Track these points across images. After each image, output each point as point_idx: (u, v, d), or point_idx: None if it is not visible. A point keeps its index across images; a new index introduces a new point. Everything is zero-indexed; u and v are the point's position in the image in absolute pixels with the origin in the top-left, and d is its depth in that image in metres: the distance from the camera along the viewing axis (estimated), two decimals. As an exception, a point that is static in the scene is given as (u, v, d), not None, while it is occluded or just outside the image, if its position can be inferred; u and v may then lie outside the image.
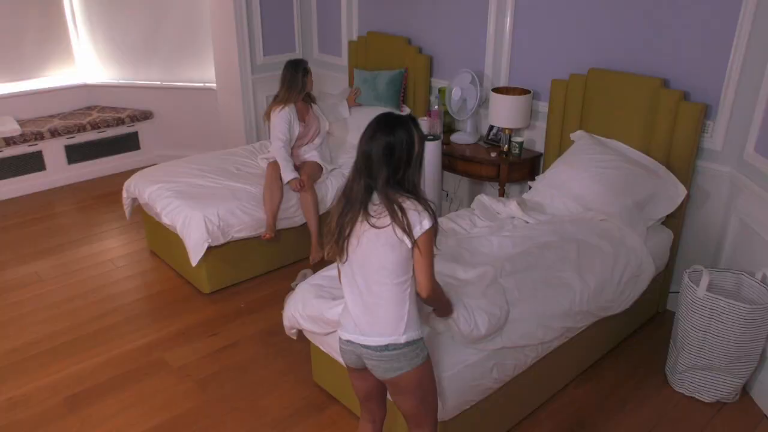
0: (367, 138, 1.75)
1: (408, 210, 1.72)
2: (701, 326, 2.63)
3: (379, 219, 1.73)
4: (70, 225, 4.48)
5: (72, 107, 5.54)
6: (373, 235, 1.75)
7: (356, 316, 1.84)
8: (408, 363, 1.81)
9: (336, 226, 1.79)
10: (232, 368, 2.98)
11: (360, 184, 1.76)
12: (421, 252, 1.75)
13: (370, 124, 1.76)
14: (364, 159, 1.75)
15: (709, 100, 3.01)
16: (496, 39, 3.88)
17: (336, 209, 1.81)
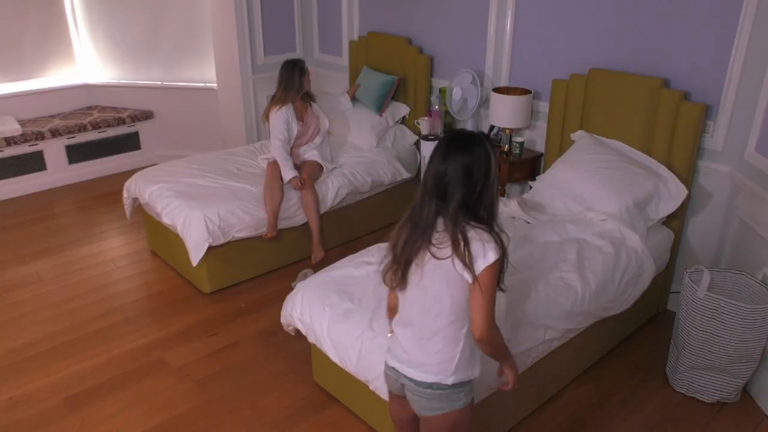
0: (440, 157, 1.61)
1: (472, 240, 1.58)
2: (702, 326, 2.63)
3: (441, 249, 1.61)
4: (70, 225, 4.49)
5: (72, 107, 5.54)
6: (433, 267, 1.63)
7: (406, 346, 1.74)
8: (449, 405, 1.72)
9: (402, 252, 1.66)
10: (232, 368, 2.98)
11: (430, 208, 1.62)
12: (481, 288, 1.60)
13: (441, 143, 1.64)
14: (437, 180, 1.60)
15: (709, 100, 3.01)
16: (496, 39, 3.88)
17: (400, 233, 1.68)
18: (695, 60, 3.02)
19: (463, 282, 1.62)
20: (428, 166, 1.64)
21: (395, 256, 1.69)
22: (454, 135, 1.65)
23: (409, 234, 1.66)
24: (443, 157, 1.61)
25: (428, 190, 1.63)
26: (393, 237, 1.71)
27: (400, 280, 1.69)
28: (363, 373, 2.33)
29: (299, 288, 2.71)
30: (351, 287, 2.61)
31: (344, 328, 2.43)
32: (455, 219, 1.59)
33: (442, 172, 1.60)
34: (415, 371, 1.73)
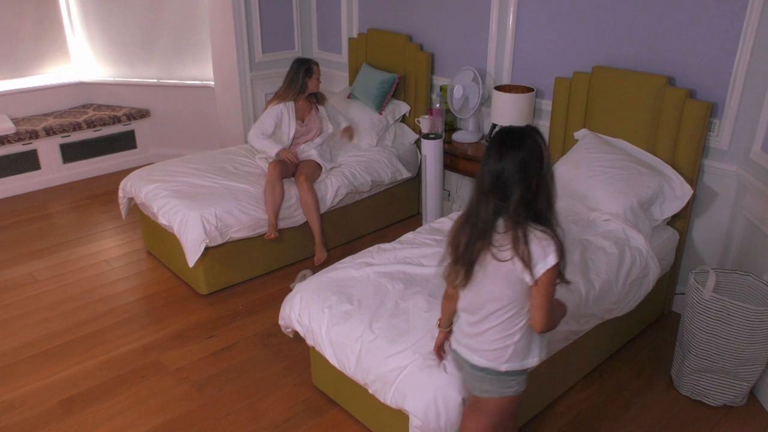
0: (495, 155, 1.63)
1: (532, 243, 1.62)
2: (708, 328, 2.62)
3: (501, 251, 1.65)
4: (65, 225, 4.48)
5: (67, 105, 5.54)
6: (495, 268, 1.68)
7: (465, 332, 1.86)
8: (499, 390, 1.82)
9: (464, 254, 1.71)
10: (229, 371, 2.98)
11: (488, 208, 1.64)
12: (540, 290, 1.66)
13: (494, 141, 1.66)
14: (495, 179, 1.62)
15: (715, 98, 3.00)
16: (498, 36, 3.87)
17: (459, 234, 1.73)
18: (701, 57, 3.01)
19: (523, 283, 1.67)
20: (482, 166, 1.67)
21: (457, 258, 1.74)
22: (505, 132, 1.67)
23: (469, 236, 1.70)
24: (498, 155, 1.63)
25: (485, 190, 1.65)
26: (452, 238, 1.76)
27: (463, 280, 1.75)
28: (362, 375, 2.32)
29: (298, 289, 2.70)
30: (350, 288, 2.61)
31: (343, 330, 2.42)
32: (516, 219, 1.63)
33: (498, 171, 1.62)
34: (472, 355, 1.84)
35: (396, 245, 2.97)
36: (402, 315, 2.41)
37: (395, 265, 2.76)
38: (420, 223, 3.98)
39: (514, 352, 1.78)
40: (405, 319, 2.39)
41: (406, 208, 4.54)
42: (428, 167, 3.79)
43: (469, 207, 1.71)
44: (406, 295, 2.53)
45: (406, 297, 2.52)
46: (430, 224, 3.22)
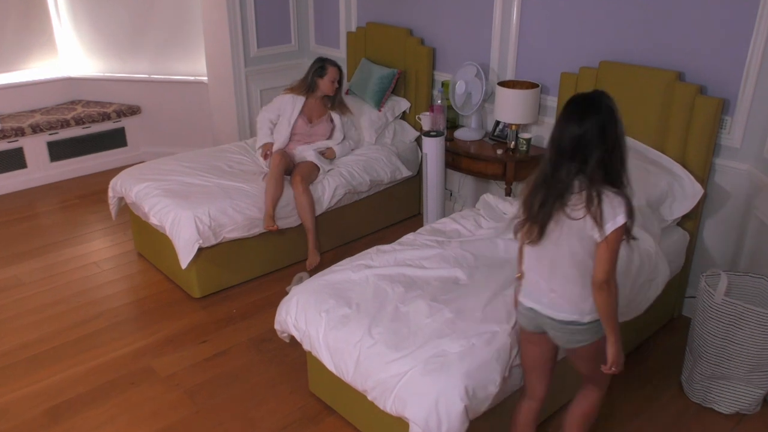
0: (575, 120, 1.80)
1: (604, 203, 1.80)
2: (719, 333, 2.62)
3: (575, 210, 1.83)
4: (52, 226, 4.48)
5: (55, 101, 5.53)
6: (568, 226, 1.86)
7: (543, 290, 2.00)
8: (590, 337, 1.99)
9: (539, 213, 1.88)
10: (223, 377, 2.98)
11: (568, 171, 1.82)
12: (608, 246, 1.83)
13: (572, 107, 1.83)
14: (576, 142, 1.80)
15: (727, 94, 3.00)
16: (502, 30, 3.87)
17: (534, 194, 1.90)
18: (711, 52, 3.01)
19: (592, 239, 1.85)
20: (560, 129, 1.84)
21: (530, 216, 1.92)
22: (581, 97, 1.84)
23: (544, 196, 1.87)
24: (579, 119, 1.80)
25: (565, 153, 1.82)
26: (525, 197, 1.94)
27: (536, 237, 1.92)
28: (361, 382, 2.32)
29: (294, 292, 2.70)
30: (349, 292, 2.61)
31: (341, 334, 2.42)
32: (593, 180, 1.80)
33: (579, 134, 1.79)
34: (555, 312, 1.98)
35: (396, 247, 2.97)
36: (402, 320, 2.41)
37: (395, 267, 2.76)
38: (421, 223, 3.98)
39: (593, 305, 1.94)
40: (405, 323, 2.39)
41: (406, 209, 4.54)
42: (429, 166, 3.79)
43: (544, 169, 1.88)
44: (407, 299, 2.53)
45: (406, 301, 2.52)
46: (431, 225, 3.22)
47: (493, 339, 2.27)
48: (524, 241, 2.00)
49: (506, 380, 2.25)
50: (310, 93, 3.96)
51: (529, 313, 2.08)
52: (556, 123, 1.87)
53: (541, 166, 1.91)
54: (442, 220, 3.26)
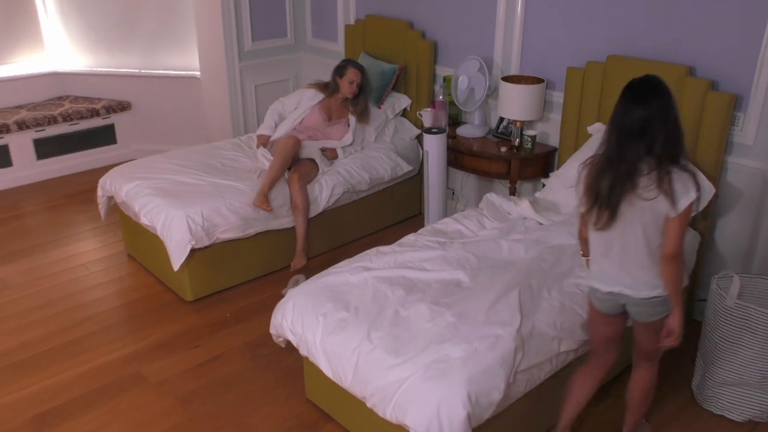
0: (641, 101, 1.94)
1: (675, 181, 1.95)
2: (731, 338, 2.62)
3: (647, 191, 1.97)
4: (39, 226, 4.47)
5: (41, 97, 5.53)
6: (640, 207, 1.99)
7: (613, 273, 2.14)
8: (668, 308, 2.14)
9: (609, 197, 2.00)
10: (216, 383, 2.97)
11: (637, 152, 1.95)
12: (680, 221, 1.99)
13: (632, 90, 1.98)
14: (642, 125, 1.93)
15: (739, 89, 3.00)
16: (506, 23, 3.87)
17: (599, 178, 2.01)
18: (723, 45, 3.01)
19: (663, 217, 2.00)
20: (624, 113, 1.96)
21: (599, 201, 2.03)
22: (641, 81, 1.99)
23: (613, 180, 1.99)
24: (644, 101, 1.94)
25: (631, 135, 1.95)
26: (589, 183, 2.06)
27: (606, 222, 2.04)
28: (360, 388, 2.32)
29: (290, 295, 2.70)
30: (347, 295, 2.61)
31: (339, 339, 2.42)
32: (662, 160, 1.95)
33: (645, 117, 1.93)
34: (636, 291, 2.13)
35: (396, 248, 2.97)
36: (403, 324, 2.41)
37: (395, 269, 2.76)
38: (422, 224, 3.98)
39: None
40: (406, 328, 2.39)
41: (406, 208, 4.54)
42: (431, 164, 3.79)
43: (609, 153, 2.00)
44: (407, 302, 2.53)
45: (407, 304, 2.52)
46: (432, 225, 3.22)
47: (496, 343, 2.27)
48: (592, 228, 2.11)
49: (511, 386, 2.25)
50: (332, 93, 4.09)
51: (608, 297, 2.21)
52: (619, 107, 1.98)
53: (604, 150, 2.02)
54: (444, 221, 3.26)
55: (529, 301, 2.52)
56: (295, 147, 3.75)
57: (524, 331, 2.36)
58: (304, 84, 5.33)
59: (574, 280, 2.67)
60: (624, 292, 2.15)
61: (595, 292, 2.25)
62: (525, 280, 2.64)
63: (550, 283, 2.65)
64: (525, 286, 2.60)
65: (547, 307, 2.50)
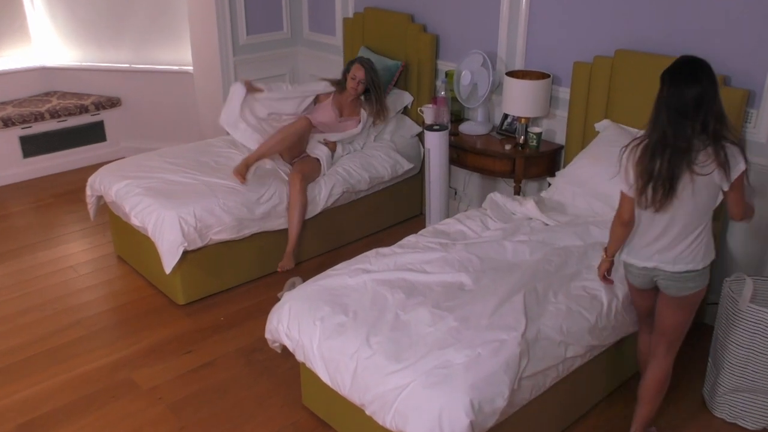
0: (693, 80, 2.09)
1: (729, 154, 2.13)
2: (744, 342, 2.62)
3: (703, 167, 2.12)
4: (25, 227, 4.47)
5: (28, 93, 5.53)
6: (696, 184, 2.15)
7: (655, 248, 2.31)
8: (700, 283, 2.34)
9: (667, 176, 2.14)
10: (209, 390, 2.97)
11: (693, 129, 2.10)
12: (738, 190, 2.21)
13: (682, 69, 2.14)
14: (696, 102, 2.08)
15: (751, 85, 3.00)
16: (510, 16, 3.87)
17: (653, 160, 2.15)
18: (735, 40, 3.01)
19: (717, 189, 2.19)
20: (678, 92, 2.10)
21: (654, 181, 2.16)
22: (688, 60, 2.17)
23: (670, 158, 2.13)
24: (696, 80, 2.09)
25: (686, 114, 2.10)
26: (644, 164, 2.18)
27: (662, 200, 2.18)
28: (359, 395, 2.32)
29: (286, 299, 2.70)
30: (345, 298, 2.61)
31: (337, 344, 2.42)
32: (716, 136, 2.11)
33: (698, 94, 2.09)
34: (672, 265, 2.30)
35: (396, 249, 2.97)
36: (403, 328, 2.41)
37: (395, 271, 2.76)
38: (423, 225, 3.98)
39: (705, 251, 2.31)
40: (406, 332, 2.38)
41: (407, 208, 4.54)
42: (432, 162, 3.79)
43: (663, 133, 2.13)
44: (408, 306, 2.53)
45: (407, 308, 2.52)
46: (434, 226, 3.22)
47: (500, 348, 2.27)
48: (643, 209, 2.25)
49: (515, 393, 2.25)
50: (342, 89, 4.15)
51: (642, 272, 2.38)
52: (668, 89, 2.13)
53: (656, 132, 2.15)
54: (446, 221, 3.26)
55: (534, 305, 2.51)
56: (304, 129, 3.77)
57: (529, 335, 2.36)
58: (300, 79, 5.35)
59: (580, 282, 2.67)
60: (659, 266, 2.32)
61: (630, 267, 2.42)
62: (530, 283, 2.64)
63: (557, 286, 2.65)
64: (530, 289, 2.60)
65: (554, 311, 2.50)
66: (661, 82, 2.18)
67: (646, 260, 2.35)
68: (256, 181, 3.67)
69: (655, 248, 2.32)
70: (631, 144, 2.25)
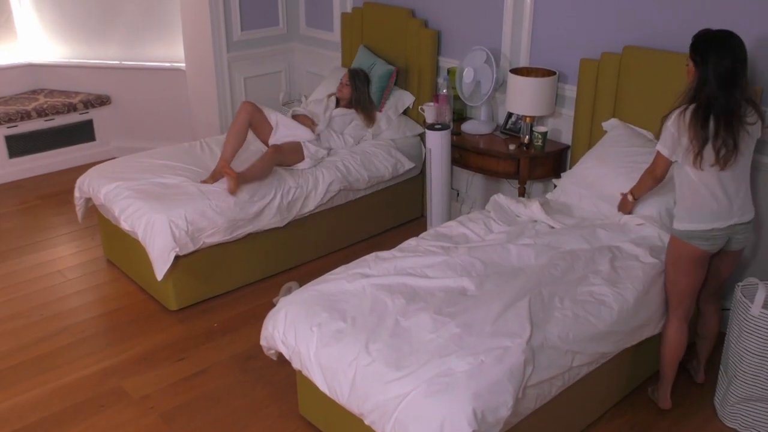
0: (728, 52, 2.43)
1: (760, 109, 2.53)
2: (757, 350, 2.63)
3: (749, 120, 2.48)
4: (12, 229, 4.48)
5: (14, 91, 5.54)
6: (747, 137, 2.49)
7: (735, 205, 2.56)
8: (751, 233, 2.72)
9: (726, 139, 2.43)
10: (203, 399, 2.98)
11: (737, 89, 2.44)
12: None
13: (721, 41, 2.46)
14: (734, 70, 2.43)
15: (764, 82, 3.01)
16: (515, 11, 3.88)
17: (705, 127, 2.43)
18: (746, 35, 3.01)
19: (752, 139, 2.54)
20: (722, 61, 2.42)
21: (713, 141, 2.44)
22: (720, 32, 2.50)
23: (724, 120, 2.44)
24: (730, 50, 2.44)
25: (735, 78, 2.43)
26: (696, 128, 2.45)
27: (725, 158, 2.45)
28: (357, 404, 2.32)
29: (282, 304, 2.71)
30: (344, 304, 2.61)
31: (335, 351, 2.42)
32: (747, 95, 2.49)
33: (738, 61, 2.44)
34: (742, 216, 2.59)
35: (396, 253, 2.97)
36: (403, 335, 2.41)
37: (395, 276, 2.77)
38: (424, 227, 3.98)
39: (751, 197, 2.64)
40: (407, 339, 2.39)
41: (407, 210, 4.55)
42: (434, 162, 3.80)
43: (712, 97, 2.44)
44: (409, 312, 2.53)
45: (408, 314, 2.52)
46: (435, 229, 3.23)
47: (504, 356, 2.28)
48: (705, 168, 2.49)
49: (520, 402, 2.25)
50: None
51: (711, 233, 2.57)
52: (709, 56, 2.44)
53: (701, 96, 2.45)
54: (448, 224, 3.27)
55: (539, 311, 2.52)
56: (244, 114, 3.86)
57: (534, 343, 2.36)
58: (296, 76, 5.36)
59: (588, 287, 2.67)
60: (739, 220, 2.58)
61: (695, 233, 2.58)
62: (535, 288, 2.64)
63: (563, 292, 2.65)
64: (535, 294, 2.60)
65: (560, 318, 2.51)
66: (699, 53, 2.49)
67: (727, 219, 2.56)
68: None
69: (736, 205, 2.55)
70: (674, 112, 2.51)
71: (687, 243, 2.62)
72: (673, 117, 2.52)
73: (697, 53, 2.51)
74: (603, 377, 2.72)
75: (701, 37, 2.52)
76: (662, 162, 2.64)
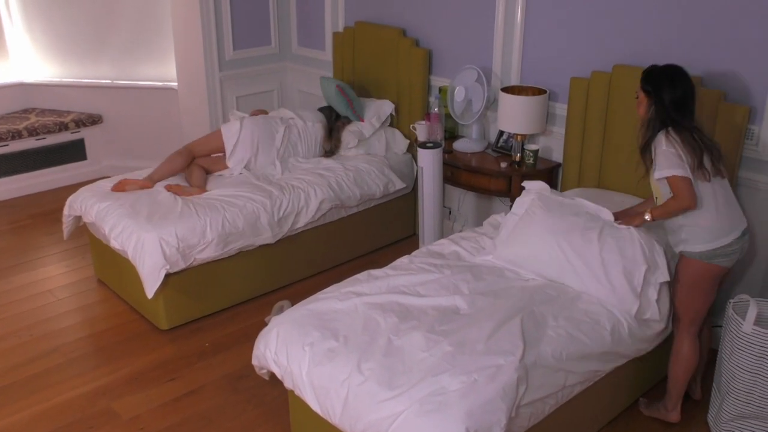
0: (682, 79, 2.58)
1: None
2: (749, 367, 2.63)
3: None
4: (2, 249, 4.45)
5: (5, 110, 5.53)
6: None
7: (735, 214, 2.64)
8: None
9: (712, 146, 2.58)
10: (194, 419, 2.96)
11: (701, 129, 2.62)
12: None
13: (670, 72, 2.61)
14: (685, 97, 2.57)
15: (753, 101, 3.04)
16: (505, 30, 3.92)
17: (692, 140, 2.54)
18: (735, 54, 3.05)
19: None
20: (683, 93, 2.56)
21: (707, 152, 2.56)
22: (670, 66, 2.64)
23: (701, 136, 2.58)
24: (682, 81, 2.59)
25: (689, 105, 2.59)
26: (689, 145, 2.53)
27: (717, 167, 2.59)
28: (350, 424, 2.31)
29: (274, 323, 2.70)
30: (335, 322, 2.61)
31: (327, 371, 2.42)
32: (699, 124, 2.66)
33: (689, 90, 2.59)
34: (743, 223, 2.68)
35: (389, 271, 2.97)
36: (396, 354, 2.41)
37: (388, 294, 2.77)
38: (416, 245, 3.99)
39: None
40: (399, 358, 2.38)
41: (400, 228, 4.56)
42: (425, 180, 3.81)
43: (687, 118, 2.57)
44: (401, 331, 2.53)
45: (400, 333, 2.52)
46: (428, 247, 3.23)
47: (497, 374, 2.28)
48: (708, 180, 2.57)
49: (513, 421, 2.25)
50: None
51: (731, 248, 2.61)
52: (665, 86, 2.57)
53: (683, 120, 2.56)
54: (441, 242, 3.27)
55: (533, 330, 2.52)
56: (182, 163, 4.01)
57: (527, 361, 2.36)
58: (288, 96, 5.38)
59: (582, 306, 2.68)
60: (744, 228, 2.66)
61: (723, 252, 2.60)
62: (528, 307, 2.65)
63: (557, 310, 2.65)
64: (528, 312, 2.60)
65: (553, 336, 2.51)
66: (650, 84, 2.60)
67: (739, 226, 2.63)
68: (236, 193, 3.70)
69: (737, 212, 2.66)
70: (659, 137, 2.57)
71: (708, 263, 2.62)
72: (663, 140, 2.56)
73: (648, 83, 2.61)
74: (596, 395, 2.72)
75: (652, 70, 2.65)
76: (683, 184, 2.53)
